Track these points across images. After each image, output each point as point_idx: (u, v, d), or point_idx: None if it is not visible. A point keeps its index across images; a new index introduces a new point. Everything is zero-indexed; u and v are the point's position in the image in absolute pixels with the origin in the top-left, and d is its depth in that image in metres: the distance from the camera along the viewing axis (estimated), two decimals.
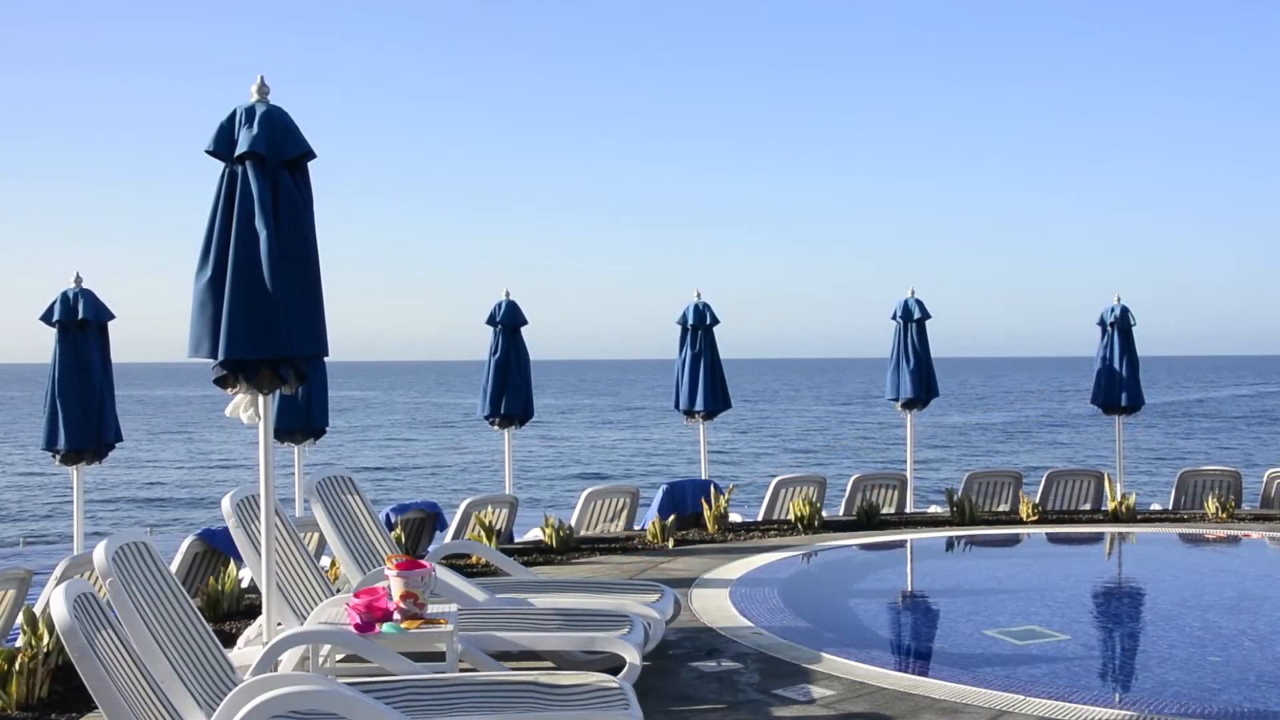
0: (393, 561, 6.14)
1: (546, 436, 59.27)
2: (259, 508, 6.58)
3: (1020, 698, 6.39)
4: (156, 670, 4.82)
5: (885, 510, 14.27)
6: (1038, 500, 14.22)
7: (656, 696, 6.47)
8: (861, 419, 73.57)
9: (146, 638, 4.88)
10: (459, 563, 10.89)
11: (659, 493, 13.36)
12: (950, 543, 12.47)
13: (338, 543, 7.62)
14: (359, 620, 5.89)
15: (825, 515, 13.63)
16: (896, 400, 15.30)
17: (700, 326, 14.76)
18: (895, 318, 15.28)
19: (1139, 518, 13.87)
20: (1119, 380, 15.14)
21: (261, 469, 6.31)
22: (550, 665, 6.98)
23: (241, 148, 5.98)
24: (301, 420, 10.81)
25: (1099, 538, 12.71)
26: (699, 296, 14.91)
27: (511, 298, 13.62)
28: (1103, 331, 15.35)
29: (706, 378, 14.67)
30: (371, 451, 51.62)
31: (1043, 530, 13.07)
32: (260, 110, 6.08)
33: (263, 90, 6.20)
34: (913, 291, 15.31)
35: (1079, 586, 10.37)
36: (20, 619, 7.04)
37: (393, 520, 11.23)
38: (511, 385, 13.46)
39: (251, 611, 8.64)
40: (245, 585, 9.48)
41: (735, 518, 13.98)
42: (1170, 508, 14.68)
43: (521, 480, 36.26)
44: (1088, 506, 14.71)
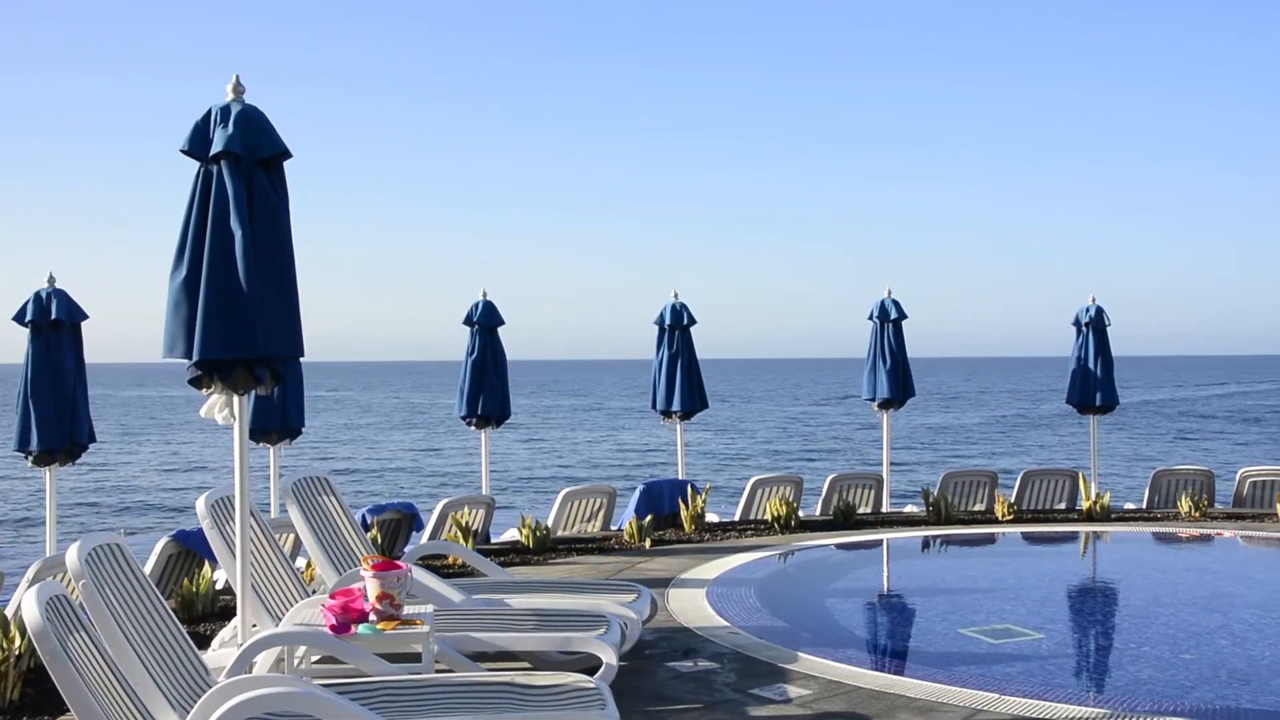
0: (368, 562, 6.12)
1: (524, 437, 59.19)
2: (234, 508, 6.55)
3: (995, 696, 6.42)
4: (130, 673, 4.79)
5: (862, 510, 14.32)
6: (1013, 500, 14.29)
7: (633, 696, 6.47)
8: (839, 419, 73.76)
9: (120, 640, 4.85)
10: (435, 563, 10.87)
11: (636, 493, 13.38)
12: (926, 542, 12.52)
13: (313, 544, 7.59)
14: (334, 621, 5.87)
15: (802, 515, 13.65)
16: (873, 400, 15.34)
17: (677, 327, 14.78)
18: (872, 318, 15.31)
19: (1113, 517, 13.96)
20: (1094, 380, 15.24)
21: (236, 470, 6.29)
22: (527, 666, 6.97)
23: (217, 147, 5.94)
24: (277, 421, 10.77)
25: (1073, 537, 12.79)
26: (676, 297, 14.93)
27: (488, 298, 13.60)
28: (1078, 332, 15.44)
29: (684, 378, 14.69)
30: (348, 452, 51.40)
31: (1018, 530, 13.15)
32: (236, 110, 6.05)
33: (238, 89, 6.16)
34: (890, 292, 15.35)
35: (1054, 585, 10.43)
36: None
37: (369, 521, 11.19)
38: (488, 385, 13.44)
39: (226, 613, 8.60)
40: (220, 587, 9.43)
41: (712, 518, 13.99)
42: (1144, 507, 14.78)
43: (498, 481, 36.21)
44: (1063, 506, 14.79)
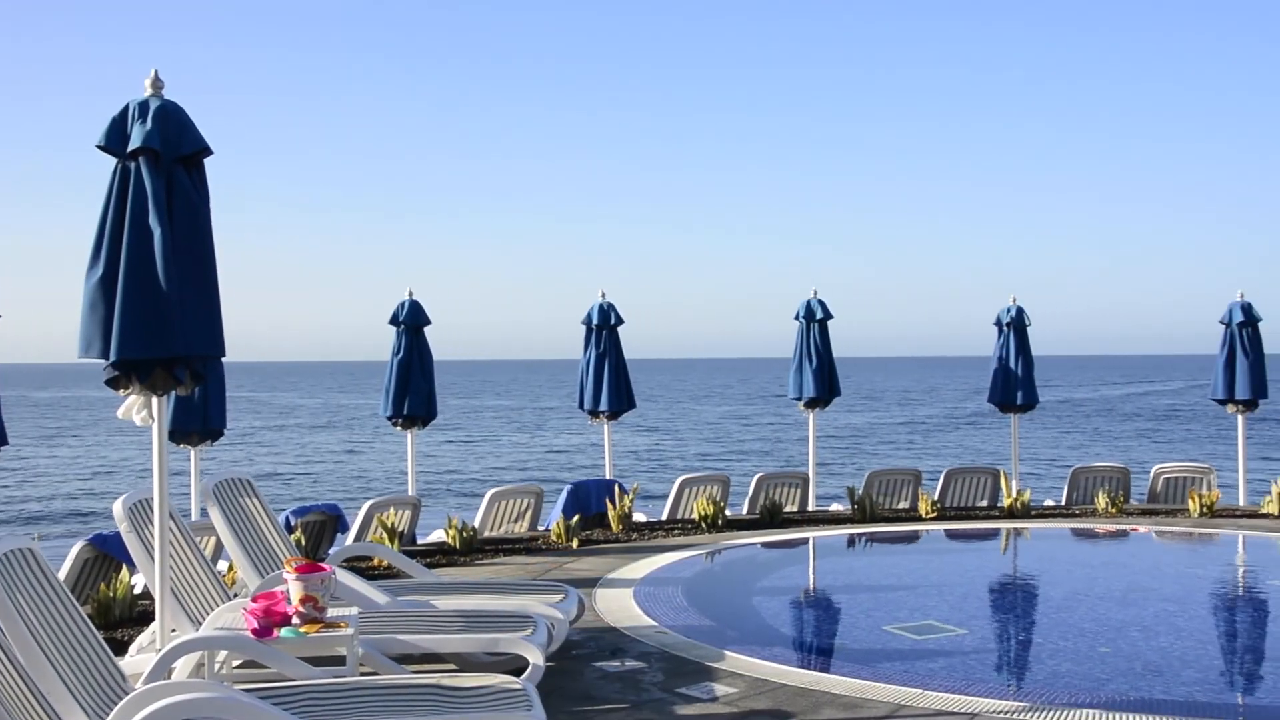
0: (291, 565, 6.03)
1: (450, 437, 58.82)
2: (153, 511, 6.43)
3: (919, 691, 6.51)
4: (42, 681, 4.67)
5: (788, 508, 14.43)
6: (936, 497, 14.49)
7: (560, 697, 6.46)
8: (765, 418, 74.28)
9: (32, 647, 4.73)
10: (360, 565, 10.75)
11: (563, 493, 13.35)
12: (851, 540, 12.65)
13: (235, 546, 7.47)
14: (256, 625, 5.78)
15: (729, 514, 13.73)
16: (799, 399, 15.46)
17: (605, 326, 14.78)
18: (798, 318, 15.44)
19: (1033, 513, 14.22)
20: (1015, 379, 15.51)
21: (155, 472, 6.18)
22: (453, 667, 6.93)
23: (135, 143, 5.83)
24: (198, 422, 10.60)
25: (995, 534, 13.01)
26: (604, 297, 14.93)
27: (415, 297, 13.49)
28: (999, 331, 15.70)
29: (611, 377, 14.69)
30: (271, 454, 50.70)
31: (941, 527, 13.34)
32: (154, 105, 5.94)
33: (157, 85, 6.05)
34: (815, 292, 15.49)
35: (976, 582, 10.60)
36: None
37: (292, 523, 11.05)
38: (414, 385, 13.33)
39: (145, 618, 8.42)
40: (138, 591, 9.24)
41: (639, 517, 14.01)
42: (1063, 503, 15.08)
43: (424, 481, 35.93)
44: (985, 503, 15.03)
